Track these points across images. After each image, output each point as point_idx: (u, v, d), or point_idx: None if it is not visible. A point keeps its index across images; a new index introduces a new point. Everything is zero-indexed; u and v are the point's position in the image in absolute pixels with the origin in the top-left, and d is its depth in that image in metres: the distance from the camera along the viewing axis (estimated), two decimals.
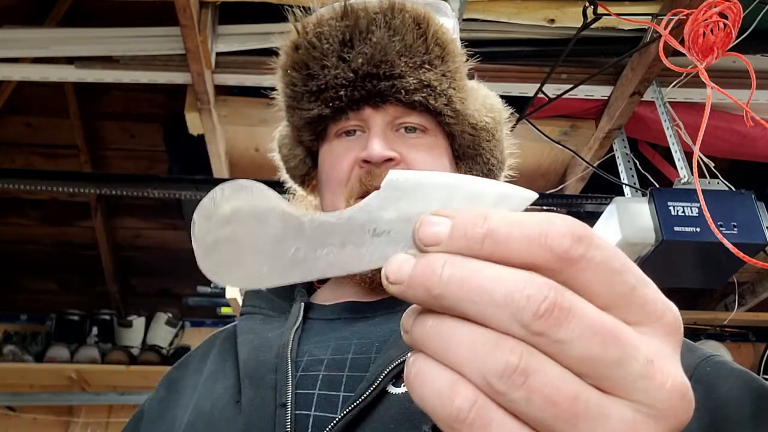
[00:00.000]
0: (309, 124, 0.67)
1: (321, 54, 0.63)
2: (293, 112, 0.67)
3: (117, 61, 2.09)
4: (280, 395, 0.51)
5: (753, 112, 1.19)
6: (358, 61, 0.62)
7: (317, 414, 0.50)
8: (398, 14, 0.63)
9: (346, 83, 0.62)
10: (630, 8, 1.81)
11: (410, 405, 0.47)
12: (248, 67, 2.09)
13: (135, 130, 3.00)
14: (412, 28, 0.63)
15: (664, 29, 1.25)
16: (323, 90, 0.63)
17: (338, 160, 0.64)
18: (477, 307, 0.24)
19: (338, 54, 0.62)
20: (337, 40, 0.63)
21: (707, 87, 1.14)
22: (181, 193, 2.38)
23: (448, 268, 0.24)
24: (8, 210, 3.20)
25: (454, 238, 0.25)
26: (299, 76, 0.65)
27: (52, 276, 3.52)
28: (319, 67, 0.63)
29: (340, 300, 0.65)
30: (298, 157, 0.73)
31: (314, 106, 0.64)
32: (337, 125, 0.65)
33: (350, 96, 0.62)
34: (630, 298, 0.24)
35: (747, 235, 1.70)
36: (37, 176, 2.54)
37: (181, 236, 3.28)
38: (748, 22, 1.70)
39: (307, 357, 0.56)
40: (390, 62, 0.62)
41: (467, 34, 1.98)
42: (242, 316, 0.66)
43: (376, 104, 0.63)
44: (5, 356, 2.96)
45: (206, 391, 0.59)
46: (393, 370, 0.49)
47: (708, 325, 3.22)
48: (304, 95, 0.65)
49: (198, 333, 3.32)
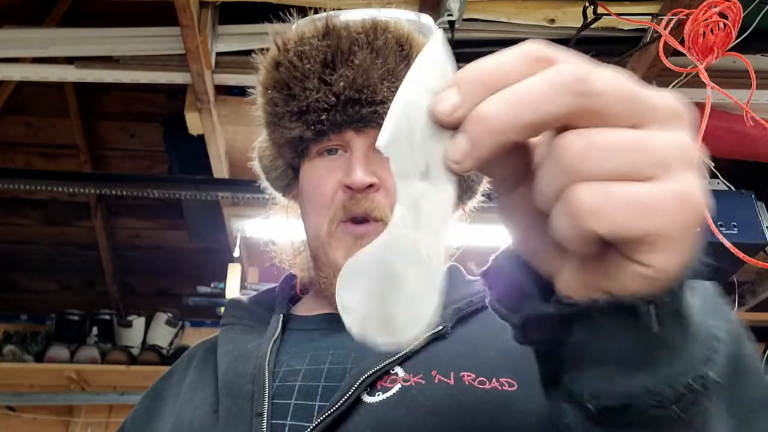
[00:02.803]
0: (290, 143, 0.67)
1: (302, 75, 0.62)
2: (274, 129, 0.67)
3: (117, 61, 2.09)
4: (257, 405, 0.52)
5: (753, 112, 1.19)
6: (339, 85, 0.61)
7: (293, 423, 0.51)
8: (381, 35, 0.62)
9: (328, 107, 0.62)
10: (630, 8, 1.80)
11: (384, 414, 0.48)
12: (248, 67, 2.07)
13: (135, 130, 2.99)
14: (395, 50, 0.62)
15: (664, 29, 1.25)
16: (305, 112, 0.63)
17: (321, 182, 0.64)
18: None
19: (320, 76, 0.62)
20: (318, 61, 0.62)
21: (707, 87, 1.14)
22: (181, 193, 2.38)
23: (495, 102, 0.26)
24: (8, 210, 3.20)
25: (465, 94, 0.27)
26: (280, 96, 0.64)
27: (52, 276, 3.52)
28: (300, 88, 0.62)
29: (320, 311, 0.66)
30: (279, 169, 0.73)
31: (295, 126, 0.64)
32: (319, 145, 0.65)
33: (332, 120, 0.62)
34: (644, 111, 0.26)
35: (747, 235, 1.70)
36: (37, 176, 2.54)
37: (181, 236, 3.28)
38: (748, 22, 1.70)
39: (285, 367, 0.57)
40: (372, 87, 0.61)
41: (467, 34, 1.98)
42: (223, 327, 0.66)
43: (358, 128, 0.63)
44: (5, 356, 2.96)
45: (187, 401, 0.60)
46: (367, 379, 0.50)
47: None
48: (285, 115, 0.64)
49: (198, 333, 3.32)
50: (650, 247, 0.24)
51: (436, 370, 0.51)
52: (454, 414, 0.48)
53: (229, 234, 2.73)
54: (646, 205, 0.24)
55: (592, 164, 0.24)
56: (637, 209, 0.24)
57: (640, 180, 0.24)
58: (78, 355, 3.00)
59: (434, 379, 0.51)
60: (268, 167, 0.74)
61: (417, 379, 0.51)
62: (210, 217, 2.79)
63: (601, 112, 0.25)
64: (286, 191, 0.75)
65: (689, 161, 0.26)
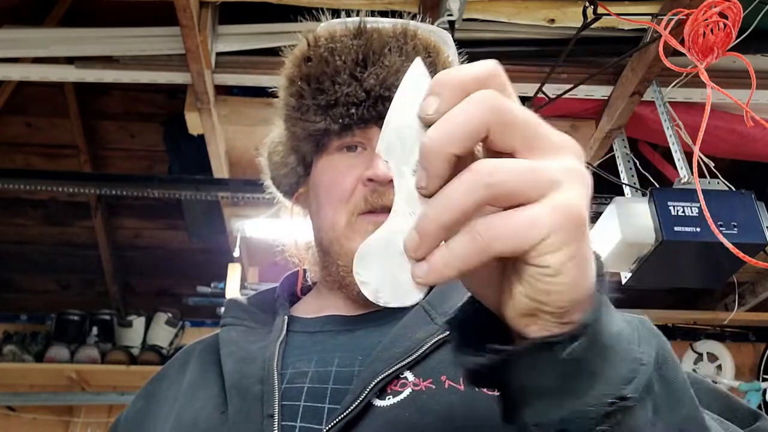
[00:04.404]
0: (311, 136, 0.67)
1: (333, 70, 0.63)
2: (296, 122, 0.67)
3: (117, 61, 2.09)
4: (267, 406, 0.52)
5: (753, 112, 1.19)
6: (370, 82, 0.62)
7: (303, 425, 0.51)
8: (410, 41, 0.65)
9: (358, 102, 0.63)
10: (630, 8, 1.80)
11: (395, 417, 0.49)
12: (248, 67, 2.09)
13: (135, 130, 2.99)
14: (423, 55, 0.64)
15: (664, 29, 1.25)
16: (332, 105, 0.64)
17: (340, 176, 0.64)
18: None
19: (351, 72, 0.63)
20: (350, 58, 0.63)
21: (707, 87, 1.14)
22: (181, 193, 2.39)
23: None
24: (8, 210, 3.20)
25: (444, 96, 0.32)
26: (308, 89, 0.65)
27: (52, 276, 3.52)
28: (331, 82, 0.63)
29: (322, 313, 0.66)
30: (290, 166, 0.73)
31: (321, 119, 0.64)
32: (341, 140, 0.66)
33: (360, 115, 0.63)
34: (541, 138, 0.32)
35: (747, 235, 1.70)
36: (37, 176, 2.54)
37: (181, 236, 3.28)
38: (748, 22, 1.70)
39: (291, 369, 0.57)
40: None
41: (467, 34, 1.98)
42: (223, 328, 0.66)
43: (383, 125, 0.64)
44: (5, 356, 2.96)
45: (187, 401, 0.59)
46: (379, 383, 0.51)
47: (708, 325, 3.22)
48: (311, 108, 0.65)
49: (198, 333, 3.32)
50: (543, 251, 0.30)
51: (445, 375, 0.52)
52: (464, 419, 0.48)
53: (229, 234, 2.73)
54: (534, 219, 0.29)
55: (496, 183, 0.30)
56: (526, 225, 0.29)
57: (536, 197, 0.30)
58: (78, 355, 3.00)
59: (444, 384, 0.51)
60: (278, 163, 0.74)
61: (427, 383, 0.51)
62: (210, 217, 2.80)
63: (511, 127, 0.31)
64: (292, 190, 0.75)
65: (574, 181, 0.31)
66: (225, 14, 2.04)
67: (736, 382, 3.04)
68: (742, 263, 1.43)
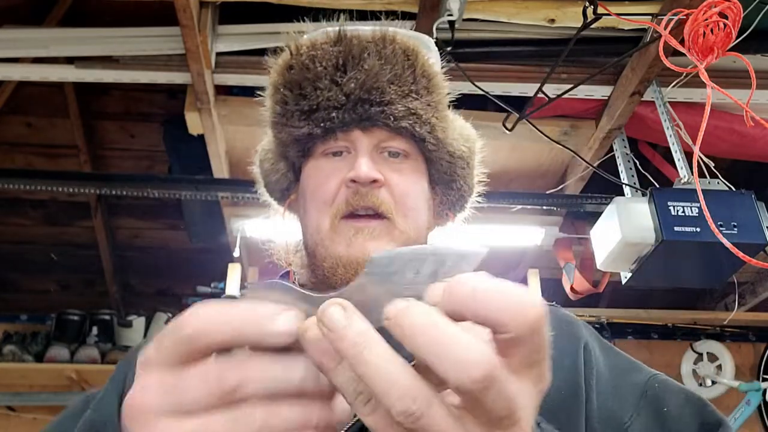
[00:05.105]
0: (297, 141, 0.69)
1: (314, 76, 0.66)
2: (281, 129, 0.69)
3: (117, 61, 2.09)
4: None
5: (753, 112, 1.19)
6: (350, 86, 0.65)
7: None
8: (389, 44, 0.67)
9: (338, 106, 0.65)
10: (630, 8, 1.80)
11: None
12: (248, 67, 2.09)
13: (135, 130, 2.99)
14: (401, 58, 0.67)
15: (664, 29, 1.25)
16: (314, 110, 0.66)
17: (325, 180, 0.66)
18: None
19: (331, 77, 0.66)
20: (330, 64, 0.66)
21: (707, 87, 1.14)
22: (181, 193, 2.38)
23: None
24: (8, 210, 3.20)
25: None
26: (291, 95, 0.67)
27: (52, 276, 3.52)
28: (312, 88, 0.66)
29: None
30: (280, 172, 0.74)
31: (304, 124, 0.67)
32: (325, 144, 0.67)
33: (341, 118, 0.65)
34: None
35: (747, 235, 1.70)
36: (37, 176, 2.54)
37: (181, 236, 3.28)
38: (748, 22, 1.70)
39: None
40: (381, 89, 0.65)
41: (467, 34, 1.98)
42: None
43: (365, 127, 0.66)
44: (5, 356, 2.96)
45: None
46: None
47: (708, 325, 3.22)
48: (295, 113, 0.67)
49: None
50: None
51: None
52: None
53: (229, 234, 2.73)
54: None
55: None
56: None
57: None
58: (78, 355, 3.00)
59: None
60: (269, 170, 0.75)
61: None
62: (210, 217, 2.80)
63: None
64: (284, 196, 0.76)
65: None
66: (225, 14, 2.04)
67: (736, 382, 3.04)
68: (742, 263, 1.43)
